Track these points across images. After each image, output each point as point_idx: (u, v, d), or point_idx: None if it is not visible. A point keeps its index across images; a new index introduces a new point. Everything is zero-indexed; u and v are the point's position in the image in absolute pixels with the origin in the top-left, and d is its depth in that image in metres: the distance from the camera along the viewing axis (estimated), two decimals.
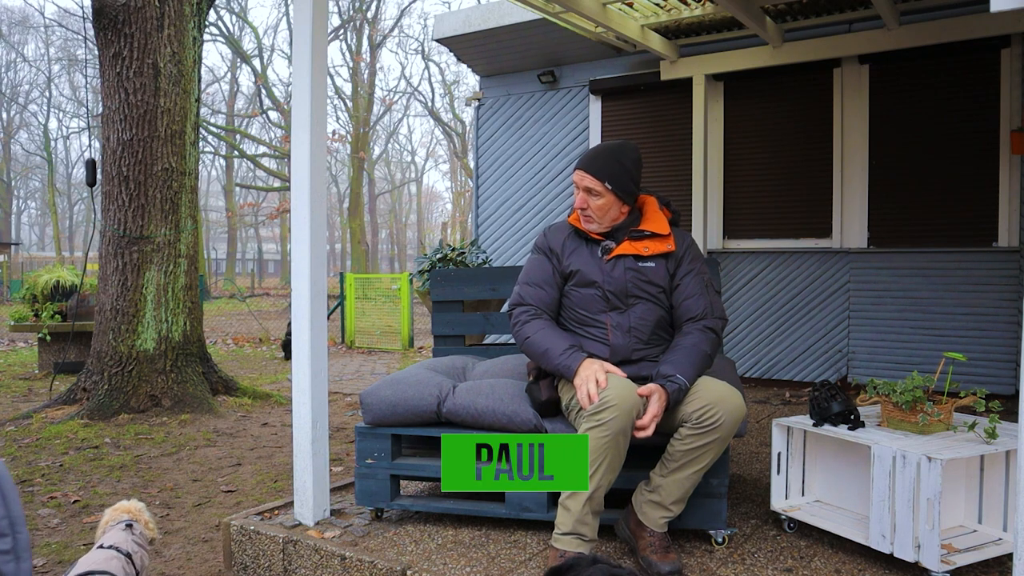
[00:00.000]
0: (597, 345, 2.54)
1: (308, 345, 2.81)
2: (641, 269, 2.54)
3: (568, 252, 2.63)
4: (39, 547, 3.05)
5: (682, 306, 2.56)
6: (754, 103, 6.00)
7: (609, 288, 2.53)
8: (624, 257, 2.55)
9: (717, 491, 2.54)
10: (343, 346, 11.18)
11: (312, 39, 2.77)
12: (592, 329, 2.56)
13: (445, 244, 6.44)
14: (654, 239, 2.57)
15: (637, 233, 2.58)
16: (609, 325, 2.54)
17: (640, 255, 2.55)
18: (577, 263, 2.60)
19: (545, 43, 6.48)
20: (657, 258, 2.56)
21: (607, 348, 2.53)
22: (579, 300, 2.59)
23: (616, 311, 2.54)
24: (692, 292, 2.56)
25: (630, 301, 2.54)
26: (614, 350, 2.52)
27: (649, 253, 2.55)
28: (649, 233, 2.57)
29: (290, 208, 2.93)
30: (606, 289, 2.54)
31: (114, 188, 5.67)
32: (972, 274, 5.16)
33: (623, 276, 2.53)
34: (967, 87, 5.19)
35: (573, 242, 2.65)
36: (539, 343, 2.51)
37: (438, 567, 2.42)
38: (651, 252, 2.55)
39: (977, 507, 2.54)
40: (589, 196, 2.54)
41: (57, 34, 34.59)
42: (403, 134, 46.72)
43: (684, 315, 2.55)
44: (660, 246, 2.56)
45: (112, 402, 5.44)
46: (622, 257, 2.55)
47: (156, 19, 5.63)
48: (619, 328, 2.53)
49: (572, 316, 2.61)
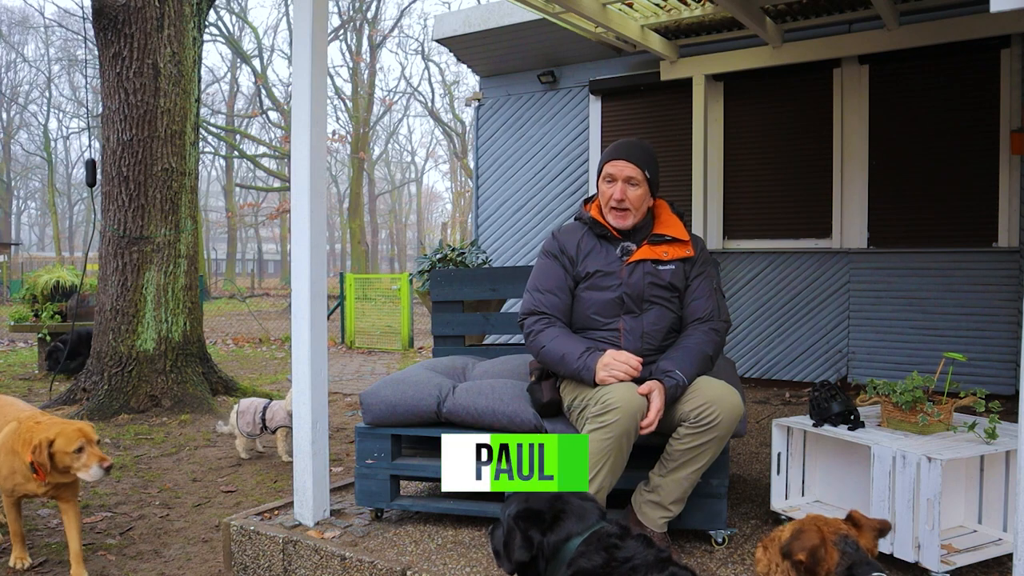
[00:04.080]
0: (608, 348, 2.53)
1: (308, 345, 2.81)
2: (659, 273, 2.52)
3: (584, 253, 2.58)
4: (39, 547, 3.05)
5: (689, 307, 2.56)
6: (754, 103, 5.99)
7: (627, 291, 2.51)
8: (644, 262, 2.53)
9: (717, 491, 2.54)
10: (343, 346, 11.18)
11: (312, 39, 2.77)
12: (604, 332, 2.53)
13: (445, 244, 6.44)
14: (673, 244, 2.56)
15: (657, 237, 2.57)
16: (622, 329, 2.52)
17: (660, 259, 2.54)
18: (594, 264, 2.55)
19: (545, 43, 6.48)
20: (676, 263, 2.56)
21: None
22: (592, 302, 2.55)
23: (630, 315, 2.52)
24: (700, 294, 2.56)
25: (645, 306, 2.52)
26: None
27: (668, 257, 2.54)
28: (669, 238, 2.56)
29: (290, 208, 2.93)
30: (623, 292, 2.51)
31: (114, 188, 5.67)
32: (972, 274, 5.16)
33: (641, 280, 2.51)
34: (967, 87, 5.19)
35: (589, 242, 2.59)
36: (556, 350, 2.46)
37: (438, 567, 2.42)
38: (670, 257, 2.55)
39: (977, 507, 2.54)
40: (628, 186, 2.50)
41: (57, 34, 34.59)
42: (403, 134, 46.74)
43: (690, 316, 2.55)
44: (679, 251, 2.56)
45: (112, 402, 5.44)
46: (641, 262, 2.53)
47: (156, 19, 5.63)
48: (632, 333, 2.51)
49: (583, 318, 2.58)
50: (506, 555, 1.70)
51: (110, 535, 3.18)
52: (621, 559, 1.54)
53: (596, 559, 1.57)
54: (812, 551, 1.49)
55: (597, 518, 1.69)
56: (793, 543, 1.52)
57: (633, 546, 1.57)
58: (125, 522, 3.35)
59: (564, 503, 1.72)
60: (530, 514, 1.71)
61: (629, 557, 1.54)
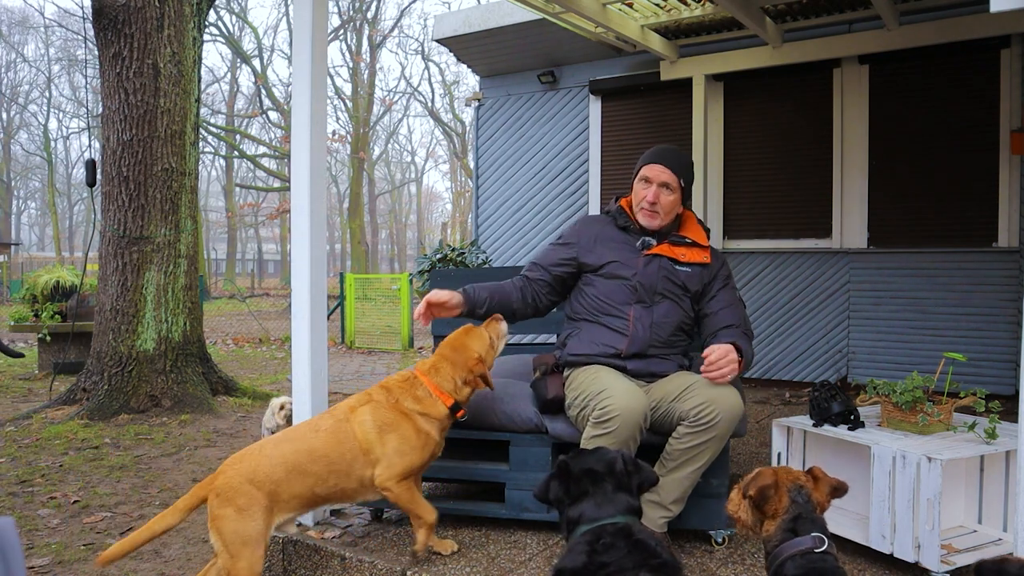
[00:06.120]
0: (616, 335, 2.56)
1: (308, 345, 2.81)
2: (676, 272, 2.60)
3: (601, 241, 2.67)
4: (39, 547, 3.05)
5: (719, 314, 2.61)
6: (754, 103, 5.99)
7: (640, 280, 2.58)
8: (660, 257, 2.61)
9: (717, 491, 2.54)
10: (343, 346, 11.18)
11: (312, 39, 2.77)
12: (613, 319, 2.59)
13: (445, 244, 6.45)
14: (693, 248, 2.65)
15: (678, 238, 2.65)
16: (632, 317, 2.57)
17: (677, 259, 2.62)
18: (612, 254, 2.63)
19: (545, 43, 6.48)
20: (694, 266, 2.63)
21: (625, 339, 2.55)
22: (605, 290, 2.62)
23: (641, 304, 2.58)
24: (728, 303, 2.62)
25: (656, 298, 2.59)
26: (632, 341, 2.54)
27: (686, 260, 2.62)
28: (690, 241, 2.65)
29: (290, 208, 2.93)
30: (637, 281, 2.58)
31: (114, 188, 5.66)
32: (972, 274, 5.16)
33: (656, 273, 2.59)
34: (967, 87, 5.19)
35: (610, 232, 2.69)
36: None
37: (438, 567, 2.42)
38: (688, 260, 2.62)
39: (977, 507, 2.54)
40: (663, 190, 2.60)
41: (57, 34, 34.59)
42: (403, 134, 46.74)
43: (721, 322, 2.60)
44: (698, 256, 2.64)
45: (112, 402, 5.44)
46: (658, 257, 2.61)
47: (156, 19, 5.63)
48: (641, 321, 2.56)
49: (594, 305, 2.63)
50: (540, 491, 1.85)
51: (110, 535, 3.18)
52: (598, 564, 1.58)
53: (578, 559, 1.60)
54: (762, 489, 1.71)
55: (615, 511, 1.70)
56: (751, 483, 1.74)
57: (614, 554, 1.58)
58: (125, 522, 3.35)
59: (596, 484, 1.75)
60: (563, 478, 1.80)
61: (606, 564, 1.57)
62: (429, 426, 2.37)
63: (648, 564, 1.54)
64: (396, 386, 2.41)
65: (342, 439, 2.29)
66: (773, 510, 1.70)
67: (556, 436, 2.62)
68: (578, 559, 1.60)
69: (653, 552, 1.58)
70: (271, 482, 2.19)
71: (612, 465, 1.79)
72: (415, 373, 2.45)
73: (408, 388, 2.41)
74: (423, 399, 2.39)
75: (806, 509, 1.67)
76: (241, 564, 2.10)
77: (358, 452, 2.30)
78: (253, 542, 2.12)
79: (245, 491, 2.15)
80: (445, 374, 2.42)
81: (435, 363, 2.45)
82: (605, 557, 1.57)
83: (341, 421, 2.33)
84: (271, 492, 2.18)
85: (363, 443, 2.30)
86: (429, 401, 2.39)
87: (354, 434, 2.31)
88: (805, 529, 1.63)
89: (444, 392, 2.40)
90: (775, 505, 1.69)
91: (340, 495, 2.33)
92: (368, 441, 2.30)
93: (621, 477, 1.77)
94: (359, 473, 2.30)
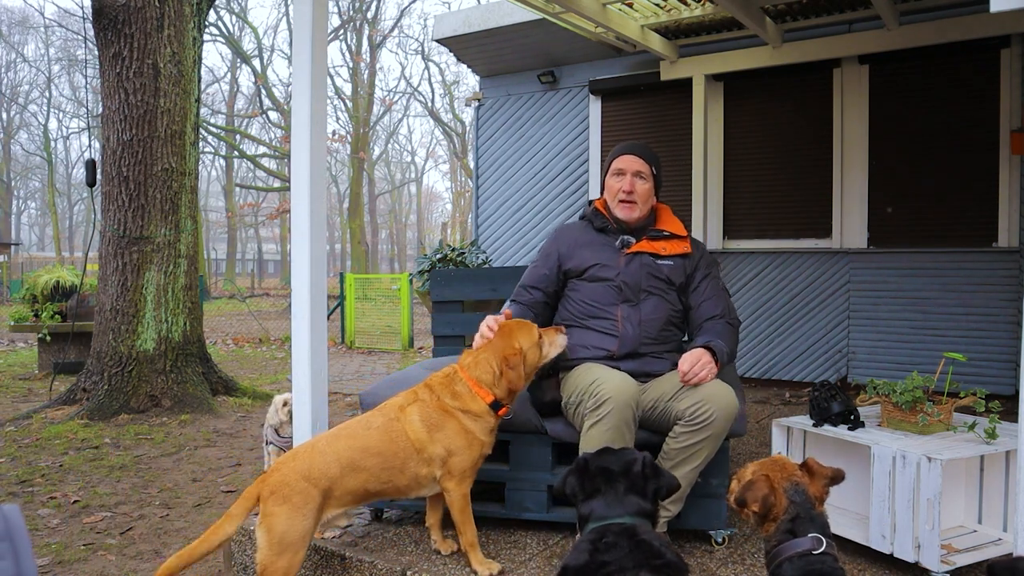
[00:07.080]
0: (606, 338, 2.56)
1: (308, 345, 2.81)
2: (658, 267, 2.61)
3: (581, 246, 2.68)
4: (39, 547, 3.05)
5: (701, 307, 2.63)
6: (754, 103, 5.99)
7: (624, 279, 2.59)
8: (642, 254, 2.62)
9: (717, 491, 2.54)
10: (343, 346, 11.17)
11: (312, 39, 2.77)
12: (602, 321, 2.59)
13: (445, 244, 6.44)
14: (672, 240, 2.66)
15: (656, 233, 2.67)
16: (620, 317, 2.58)
17: (658, 254, 2.63)
18: (594, 257, 2.64)
19: (545, 43, 6.47)
20: (675, 258, 2.64)
21: (616, 340, 2.55)
22: (590, 293, 2.62)
23: (627, 303, 2.58)
24: (710, 294, 2.64)
25: (642, 295, 2.59)
26: (623, 341, 2.54)
27: (667, 253, 2.63)
28: (668, 234, 2.66)
29: (290, 208, 2.93)
30: (621, 280, 2.58)
31: (114, 188, 5.67)
32: (972, 274, 5.16)
33: (638, 271, 2.60)
34: (967, 87, 5.19)
35: (588, 236, 2.70)
36: None
37: (438, 567, 2.42)
38: (668, 252, 2.63)
39: (977, 507, 2.54)
40: (638, 180, 2.63)
41: (57, 34, 34.57)
42: (403, 134, 46.74)
43: (704, 315, 2.61)
44: (678, 247, 2.65)
45: (112, 402, 5.44)
46: (640, 254, 2.62)
47: (156, 19, 5.63)
48: (629, 320, 2.57)
49: (580, 309, 2.64)
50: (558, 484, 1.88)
51: (110, 535, 3.18)
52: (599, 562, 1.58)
53: (581, 557, 1.61)
54: (763, 500, 1.69)
55: (623, 512, 1.71)
56: (746, 494, 1.72)
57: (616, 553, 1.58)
58: (125, 522, 3.35)
59: (609, 483, 1.76)
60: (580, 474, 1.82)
61: (607, 563, 1.57)
62: (472, 424, 2.35)
63: (650, 564, 1.54)
64: (438, 384, 2.41)
65: (394, 437, 2.30)
66: (773, 514, 1.69)
67: (555, 436, 2.62)
68: (580, 557, 1.61)
69: (656, 553, 1.58)
70: (326, 479, 2.18)
71: (629, 466, 1.79)
72: (456, 368, 2.44)
73: (448, 384, 2.40)
74: (461, 395, 2.37)
75: (804, 508, 1.67)
76: (281, 563, 2.08)
77: (411, 450, 2.30)
78: (299, 541, 2.11)
79: (301, 488, 2.13)
80: (485, 364, 2.39)
81: (478, 352, 2.43)
82: (606, 556, 1.57)
83: (392, 420, 2.33)
84: (326, 489, 2.17)
85: (415, 442, 2.31)
86: (467, 396, 2.37)
87: (405, 433, 2.31)
88: (804, 530, 1.63)
89: (483, 386, 2.37)
90: (775, 510, 1.69)
91: (393, 491, 2.33)
92: (420, 440, 2.31)
93: (636, 479, 1.77)
94: (413, 470, 2.30)
